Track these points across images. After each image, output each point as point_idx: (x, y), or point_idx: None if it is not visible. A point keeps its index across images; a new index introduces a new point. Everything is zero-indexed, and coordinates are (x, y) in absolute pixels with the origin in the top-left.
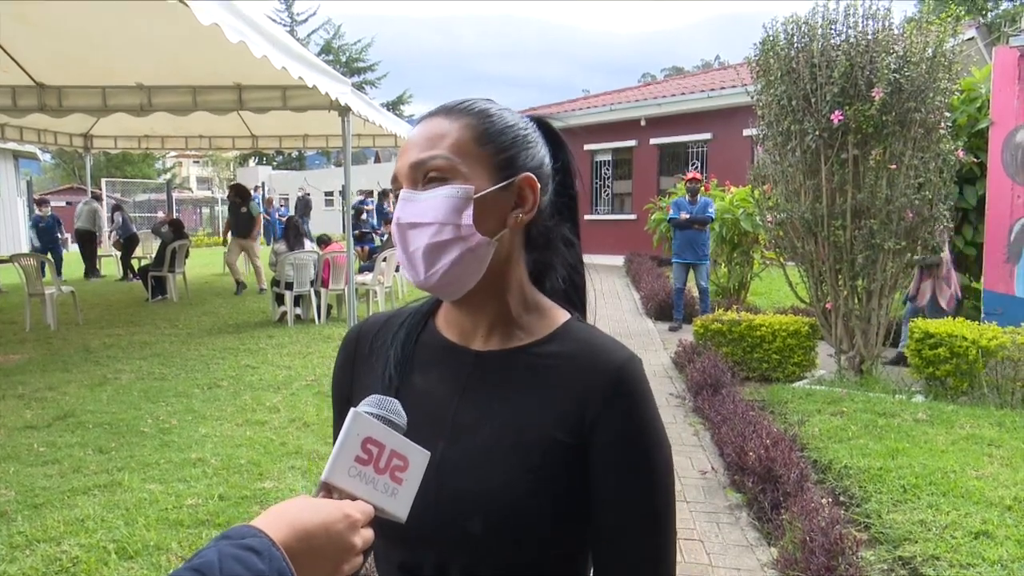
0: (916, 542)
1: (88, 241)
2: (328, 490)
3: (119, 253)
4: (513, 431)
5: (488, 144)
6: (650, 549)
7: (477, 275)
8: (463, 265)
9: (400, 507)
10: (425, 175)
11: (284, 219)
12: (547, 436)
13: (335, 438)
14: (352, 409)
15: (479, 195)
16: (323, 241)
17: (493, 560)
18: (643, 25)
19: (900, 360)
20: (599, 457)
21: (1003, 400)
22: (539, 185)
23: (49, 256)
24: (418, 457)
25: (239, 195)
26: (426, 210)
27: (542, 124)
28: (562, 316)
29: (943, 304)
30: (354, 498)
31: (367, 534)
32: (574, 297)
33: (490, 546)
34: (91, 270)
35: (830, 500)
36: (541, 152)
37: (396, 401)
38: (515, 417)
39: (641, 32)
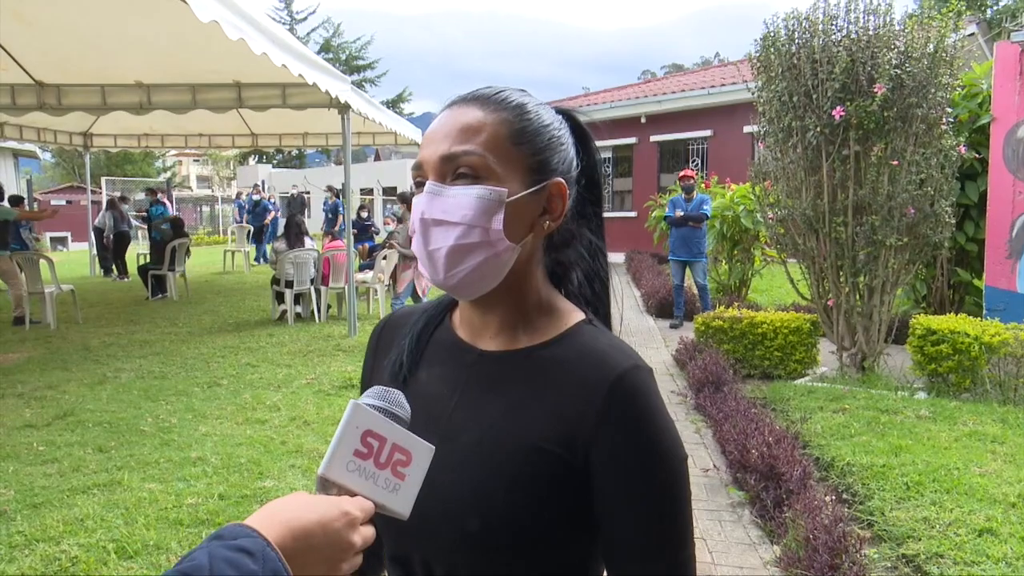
0: (920, 540)
1: (117, 241)
2: (326, 485)
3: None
4: (498, 435)
5: (523, 144)
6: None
7: (497, 279)
8: (484, 269)
9: (402, 504)
10: (455, 170)
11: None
12: (533, 445)
13: None
14: (351, 400)
15: (512, 199)
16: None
17: (472, 563)
18: (630, 20)
19: None
20: (600, 477)
21: (1006, 396)
22: (568, 191)
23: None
24: (422, 451)
25: None
26: (454, 208)
27: (570, 120)
28: (574, 318)
29: (420, 292)
30: (353, 494)
31: (367, 532)
32: (593, 298)
33: (468, 550)
34: (121, 270)
35: (833, 498)
36: (571, 153)
37: (399, 393)
38: (504, 421)
39: (628, 28)
